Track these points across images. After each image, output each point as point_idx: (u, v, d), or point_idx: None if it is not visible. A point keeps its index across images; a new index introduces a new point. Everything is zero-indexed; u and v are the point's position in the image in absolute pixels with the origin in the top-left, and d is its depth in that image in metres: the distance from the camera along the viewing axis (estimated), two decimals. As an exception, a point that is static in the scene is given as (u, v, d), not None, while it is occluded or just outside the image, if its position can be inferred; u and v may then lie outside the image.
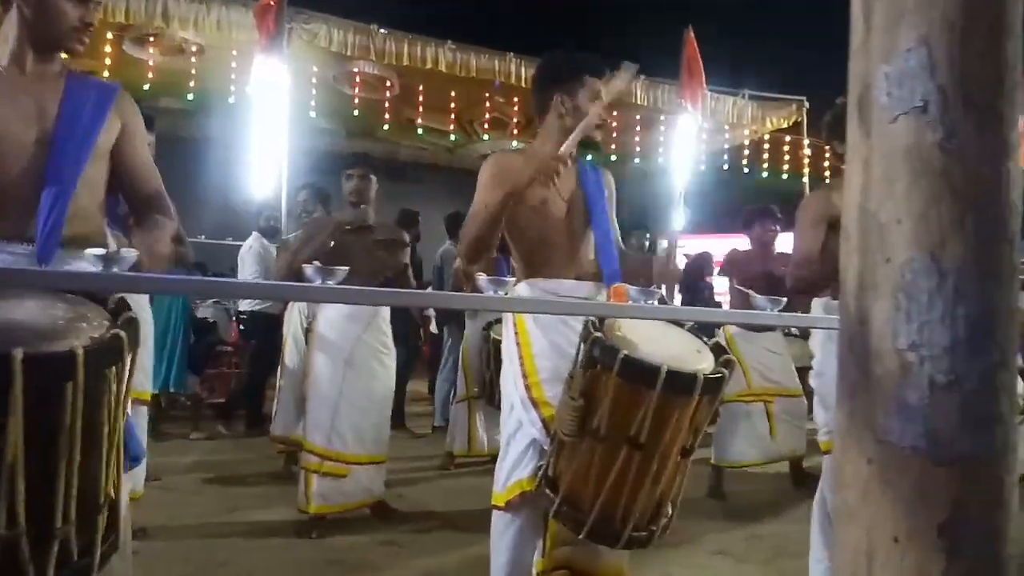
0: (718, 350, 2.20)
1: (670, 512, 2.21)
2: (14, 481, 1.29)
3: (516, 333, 2.46)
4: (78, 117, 1.93)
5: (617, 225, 2.72)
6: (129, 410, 1.87)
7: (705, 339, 2.28)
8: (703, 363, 2.08)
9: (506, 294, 1.85)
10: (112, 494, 1.54)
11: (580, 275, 2.55)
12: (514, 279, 1.44)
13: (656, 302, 1.60)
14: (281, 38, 6.64)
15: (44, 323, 1.43)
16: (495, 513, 2.45)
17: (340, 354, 3.85)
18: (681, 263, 8.25)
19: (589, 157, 2.97)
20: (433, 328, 7.07)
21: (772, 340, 4.87)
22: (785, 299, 1.79)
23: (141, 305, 2.84)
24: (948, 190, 0.70)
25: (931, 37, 0.72)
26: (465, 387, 5.27)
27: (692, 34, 8.58)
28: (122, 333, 1.47)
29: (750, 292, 2.06)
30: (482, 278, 1.45)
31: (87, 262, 1.34)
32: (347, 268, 1.40)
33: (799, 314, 2.74)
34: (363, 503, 3.95)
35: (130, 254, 1.35)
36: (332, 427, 3.80)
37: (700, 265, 7.94)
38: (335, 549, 3.55)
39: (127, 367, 1.53)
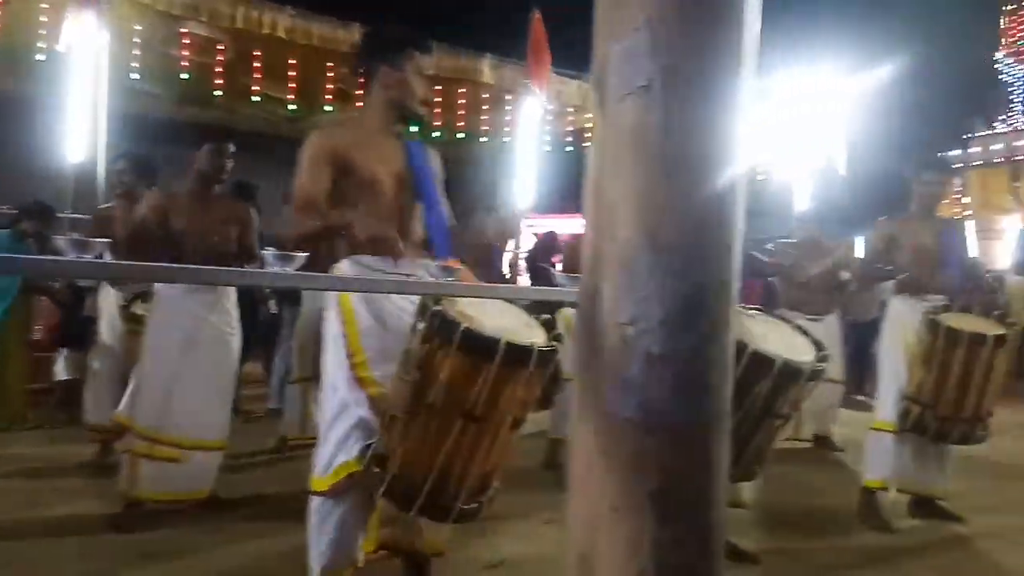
0: (548, 325, 2.27)
1: (496, 484, 2.24)
2: None
3: (341, 312, 2.39)
4: None
5: (447, 202, 2.71)
6: None
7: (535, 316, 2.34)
8: (536, 337, 2.15)
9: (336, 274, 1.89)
10: None
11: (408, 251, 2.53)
12: (303, 255, 1.38)
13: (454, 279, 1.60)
14: (98, -8, 6.11)
15: None
16: (315, 499, 2.36)
17: (180, 334, 3.61)
18: (531, 241, 8.42)
19: (413, 129, 2.94)
20: (272, 308, 6.78)
21: None
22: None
23: None
24: (665, 171, 0.72)
25: (656, 18, 0.73)
26: (299, 368, 5.10)
27: (539, 16, 8.69)
28: None
29: (551, 269, 2.13)
30: (268, 253, 1.39)
31: None
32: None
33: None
34: (195, 495, 3.68)
35: None
36: (165, 410, 3.56)
37: (546, 244, 8.09)
38: (151, 542, 3.32)
39: None
